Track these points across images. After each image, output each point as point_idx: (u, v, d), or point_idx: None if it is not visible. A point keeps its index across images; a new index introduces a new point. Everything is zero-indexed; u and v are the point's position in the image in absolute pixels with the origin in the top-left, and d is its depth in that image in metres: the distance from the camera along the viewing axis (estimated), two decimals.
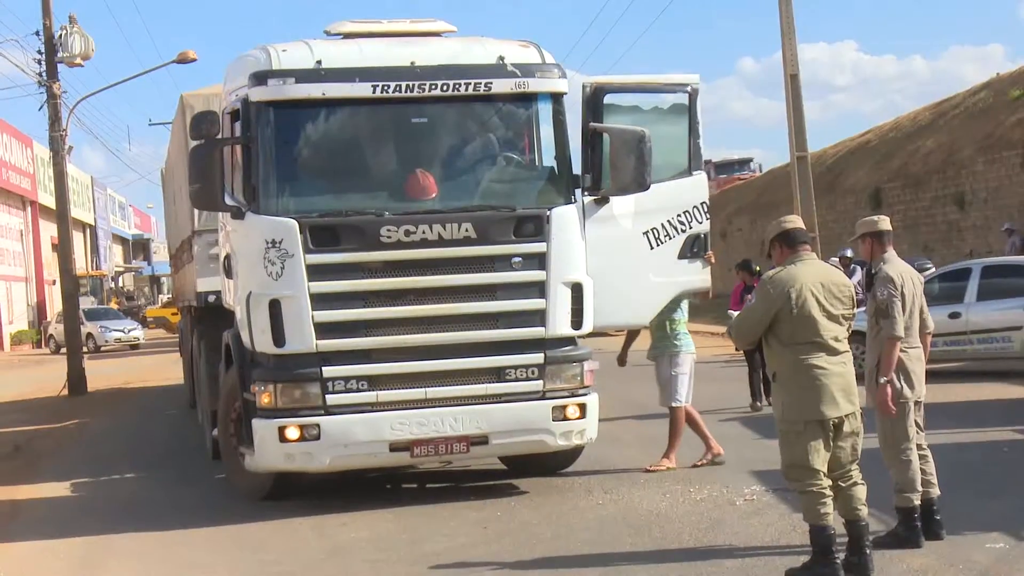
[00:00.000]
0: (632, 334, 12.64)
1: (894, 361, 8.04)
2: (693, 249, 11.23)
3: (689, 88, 11.24)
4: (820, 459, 7.39)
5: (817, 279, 7.55)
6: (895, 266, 8.31)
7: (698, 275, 11.39)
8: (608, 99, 10.85)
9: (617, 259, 10.81)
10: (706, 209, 11.31)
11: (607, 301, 10.57)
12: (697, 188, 11.24)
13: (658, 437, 13.33)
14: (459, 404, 10.18)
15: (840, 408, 7.42)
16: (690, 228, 11.18)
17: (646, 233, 11.08)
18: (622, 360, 12.26)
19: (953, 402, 14.63)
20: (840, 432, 7.47)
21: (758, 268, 13.47)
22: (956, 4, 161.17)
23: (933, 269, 19.95)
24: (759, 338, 7.70)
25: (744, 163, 63.12)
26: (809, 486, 7.39)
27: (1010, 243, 25.16)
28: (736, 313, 11.02)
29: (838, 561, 7.32)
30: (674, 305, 11.40)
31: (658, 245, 11.11)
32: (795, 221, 7.92)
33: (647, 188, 10.47)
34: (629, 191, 10.54)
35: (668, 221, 11.10)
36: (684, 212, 11.16)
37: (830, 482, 7.43)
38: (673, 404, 11.49)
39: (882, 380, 8.02)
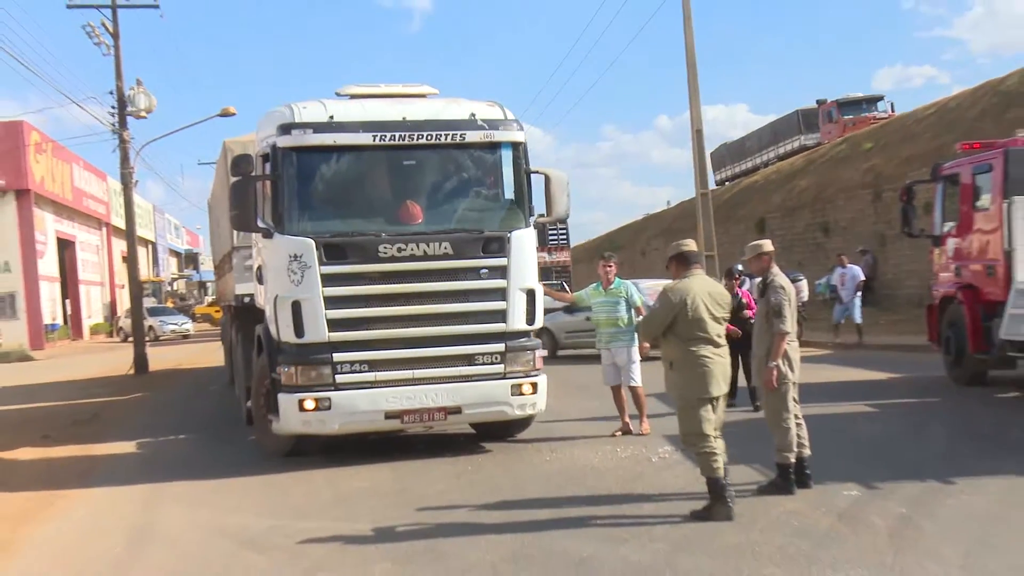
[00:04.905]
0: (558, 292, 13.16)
1: (782, 351, 8.11)
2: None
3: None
4: (710, 426, 7.47)
5: (705, 290, 7.64)
6: (783, 277, 8.38)
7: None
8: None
9: None
10: None
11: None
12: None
13: (593, 409, 13.37)
14: (439, 383, 10.16)
15: (721, 388, 7.56)
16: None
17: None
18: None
19: (822, 382, 14.73)
20: (716, 405, 7.58)
21: (740, 269, 13.09)
22: (824, 75, 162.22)
23: (804, 281, 20.10)
24: (660, 334, 7.72)
25: (873, 101, 43.70)
26: (703, 448, 7.45)
27: (864, 261, 25.42)
28: None
29: (731, 503, 7.38)
30: (624, 304, 11.48)
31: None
32: (690, 244, 7.95)
33: (568, 217, 11.01)
34: (562, 219, 11.01)
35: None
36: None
37: (722, 443, 7.49)
38: (632, 384, 11.55)
39: (771, 364, 8.08)
